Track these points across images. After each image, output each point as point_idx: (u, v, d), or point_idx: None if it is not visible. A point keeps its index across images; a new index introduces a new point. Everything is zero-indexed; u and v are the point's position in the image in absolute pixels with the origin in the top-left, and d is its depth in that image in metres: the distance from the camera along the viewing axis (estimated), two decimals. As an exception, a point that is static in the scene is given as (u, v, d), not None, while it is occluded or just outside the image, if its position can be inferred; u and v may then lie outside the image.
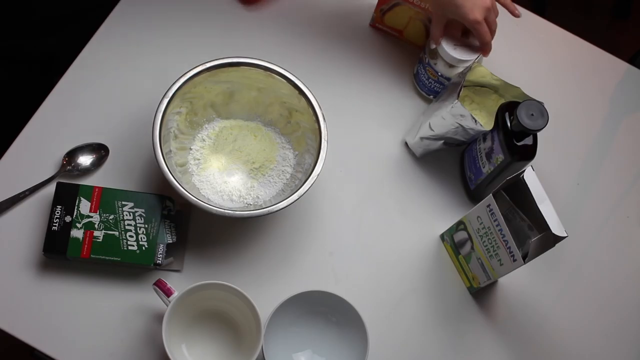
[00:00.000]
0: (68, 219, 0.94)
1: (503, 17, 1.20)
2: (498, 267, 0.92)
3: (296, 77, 0.98)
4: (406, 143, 1.09)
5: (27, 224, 0.97)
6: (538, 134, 0.93)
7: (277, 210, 0.92)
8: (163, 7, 1.12)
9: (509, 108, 0.95)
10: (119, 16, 1.10)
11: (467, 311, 1.02)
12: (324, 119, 0.96)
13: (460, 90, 0.94)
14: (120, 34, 1.09)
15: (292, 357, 0.96)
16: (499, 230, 0.89)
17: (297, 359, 0.96)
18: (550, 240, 0.84)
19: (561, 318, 1.04)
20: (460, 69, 1.03)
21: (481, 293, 1.03)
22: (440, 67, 1.05)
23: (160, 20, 1.11)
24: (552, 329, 1.03)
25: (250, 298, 0.89)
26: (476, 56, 1.02)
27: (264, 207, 0.93)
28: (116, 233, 0.94)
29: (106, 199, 0.95)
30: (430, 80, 1.08)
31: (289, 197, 0.93)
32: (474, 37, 1.02)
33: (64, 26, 1.13)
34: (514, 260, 0.87)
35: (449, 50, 1.02)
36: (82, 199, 0.95)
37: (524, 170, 0.86)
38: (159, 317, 0.93)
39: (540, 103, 0.92)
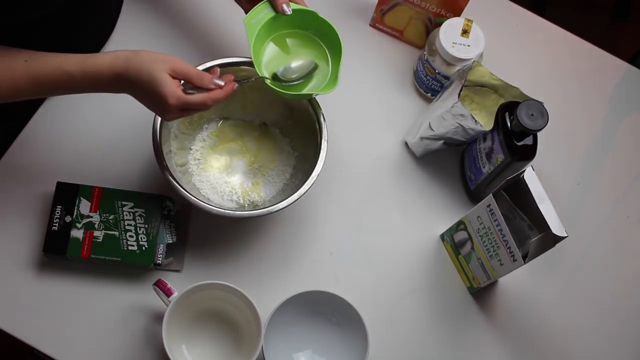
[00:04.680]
0: (68, 219, 0.94)
1: (503, 18, 1.20)
2: (498, 267, 0.92)
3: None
4: (406, 143, 1.09)
5: (27, 224, 0.97)
6: (538, 134, 0.93)
7: (277, 210, 0.92)
8: (165, 7, 1.12)
9: (509, 108, 0.95)
10: (122, 16, 1.10)
11: (467, 311, 1.02)
12: (324, 119, 0.96)
13: (461, 90, 0.94)
14: (121, 34, 1.09)
15: (292, 357, 0.96)
16: (499, 230, 0.89)
17: (297, 359, 0.96)
18: (550, 240, 0.84)
19: (561, 318, 1.03)
20: (457, 68, 1.03)
21: (481, 293, 1.02)
22: (438, 65, 1.04)
23: (162, 20, 1.11)
24: (552, 329, 1.03)
25: (250, 298, 0.89)
26: (474, 56, 1.02)
27: (264, 207, 0.93)
28: (116, 233, 0.94)
29: (106, 199, 0.95)
30: (428, 77, 1.08)
31: (289, 197, 0.93)
32: (473, 37, 1.02)
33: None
34: (514, 260, 0.87)
35: (447, 48, 1.02)
36: (82, 199, 0.95)
37: (524, 170, 0.86)
38: (159, 317, 0.93)
39: (540, 103, 0.92)
